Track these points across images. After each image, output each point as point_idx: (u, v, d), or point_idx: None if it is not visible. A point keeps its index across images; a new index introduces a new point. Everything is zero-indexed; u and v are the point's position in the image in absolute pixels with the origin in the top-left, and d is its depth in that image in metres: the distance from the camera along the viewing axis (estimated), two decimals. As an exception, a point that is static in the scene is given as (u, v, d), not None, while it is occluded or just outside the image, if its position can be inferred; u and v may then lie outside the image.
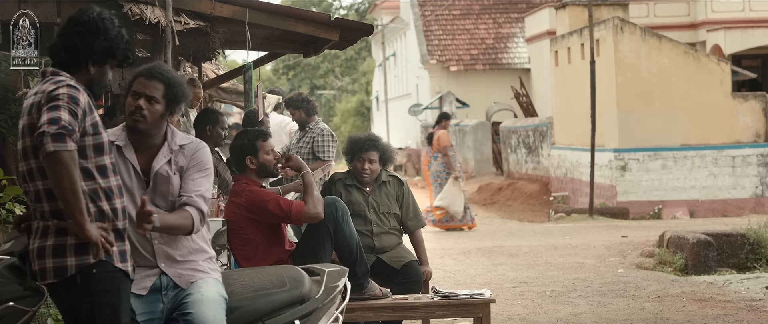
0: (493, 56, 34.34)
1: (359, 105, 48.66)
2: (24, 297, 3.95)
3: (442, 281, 9.79)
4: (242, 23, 6.11)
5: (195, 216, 4.02)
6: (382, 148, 6.51)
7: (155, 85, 4.05)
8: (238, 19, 5.89)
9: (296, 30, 6.24)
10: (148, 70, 4.10)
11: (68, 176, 3.40)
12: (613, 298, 8.59)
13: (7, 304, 3.87)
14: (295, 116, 8.75)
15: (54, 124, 3.40)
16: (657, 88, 19.06)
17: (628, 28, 19.10)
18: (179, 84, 4.14)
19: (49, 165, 3.41)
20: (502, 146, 27.12)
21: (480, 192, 24.61)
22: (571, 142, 21.50)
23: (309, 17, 6.36)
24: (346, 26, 6.67)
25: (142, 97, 4.03)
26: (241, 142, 5.56)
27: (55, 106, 3.46)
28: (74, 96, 3.53)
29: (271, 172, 5.62)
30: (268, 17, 6.03)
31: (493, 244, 13.17)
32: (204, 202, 4.09)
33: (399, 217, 6.51)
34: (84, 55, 3.69)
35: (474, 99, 32.53)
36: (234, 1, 5.88)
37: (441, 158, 14.87)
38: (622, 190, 18.95)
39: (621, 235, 13.72)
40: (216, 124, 6.60)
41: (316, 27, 6.37)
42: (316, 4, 56.71)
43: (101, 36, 3.70)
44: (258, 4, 6.02)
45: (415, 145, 36.83)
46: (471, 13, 35.96)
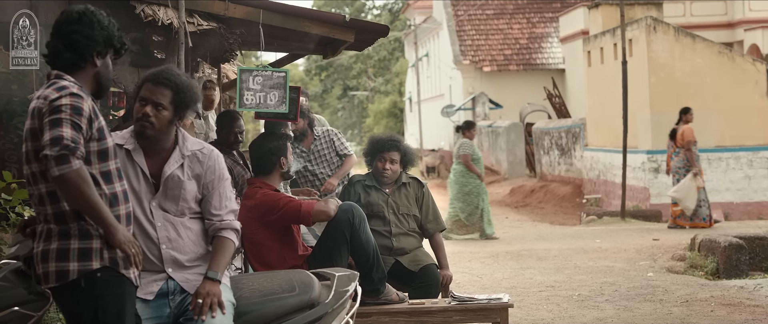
0: (526, 56, 34.10)
1: (392, 106, 48.59)
2: (29, 301, 3.93)
3: (468, 285, 9.70)
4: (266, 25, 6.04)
5: (233, 238, 4.11)
6: (403, 149, 6.46)
7: (162, 92, 4.00)
8: (251, 20, 5.83)
9: (310, 31, 6.17)
10: (155, 76, 4.05)
11: (80, 193, 3.41)
12: (640, 302, 8.46)
13: (12, 308, 3.85)
14: (299, 125, 8.07)
15: (56, 144, 3.39)
16: (690, 89, 18.80)
17: (661, 27, 18.85)
18: (187, 89, 4.08)
19: (59, 188, 3.43)
20: (535, 148, 26.92)
21: (512, 194, 24.44)
22: (604, 143, 21.28)
23: (323, 18, 6.29)
24: (362, 27, 6.59)
25: (149, 103, 3.99)
26: (273, 143, 5.54)
27: (56, 121, 3.43)
28: (77, 106, 3.50)
29: (288, 174, 5.66)
30: (282, 18, 5.97)
31: (522, 248, 13.05)
32: (235, 216, 4.17)
33: (418, 220, 6.44)
34: (88, 48, 3.67)
35: (507, 100, 32.33)
36: (247, 2, 5.83)
37: (683, 153, 14.81)
38: (655, 192, 18.69)
39: (652, 238, 13.53)
40: (234, 126, 6.54)
41: (331, 28, 6.29)
42: (349, 4, 56.78)
43: (96, 26, 3.68)
44: (271, 5, 5.96)
45: (448, 147, 36.66)
46: (504, 12, 35.73)
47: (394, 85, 50.36)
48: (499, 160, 29.42)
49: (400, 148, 6.41)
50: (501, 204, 23.30)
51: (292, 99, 6.09)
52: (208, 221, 4.11)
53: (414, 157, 6.64)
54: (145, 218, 4.01)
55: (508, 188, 25.48)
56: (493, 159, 30.03)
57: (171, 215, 4.04)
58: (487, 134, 30.71)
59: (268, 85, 5.60)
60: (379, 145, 6.39)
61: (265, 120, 6.38)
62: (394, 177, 6.41)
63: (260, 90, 5.60)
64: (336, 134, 8.06)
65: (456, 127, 15.84)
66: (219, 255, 4.06)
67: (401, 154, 6.41)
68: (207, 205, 4.11)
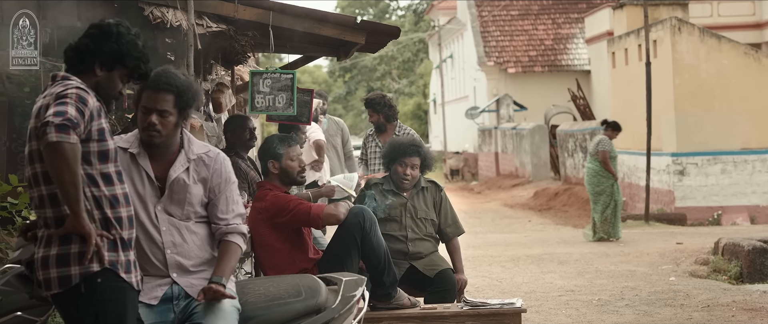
0: (552, 58, 33.88)
1: (416, 108, 48.48)
2: (32, 307, 3.90)
3: (487, 289, 9.62)
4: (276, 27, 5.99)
5: (240, 242, 4.08)
6: (424, 154, 6.43)
7: (164, 98, 3.95)
8: (261, 22, 5.79)
9: (321, 33, 6.12)
10: (154, 83, 3.97)
11: (69, 169, 3.33)
12: (660, 307, 8.35)
13: (15, 313, 3.83)
14: (372, 118, 8.03)
15: (59, 115, 3.35)
16: (716, 90, 18.59)
17: (685, 28, 18.66)
18: (188, 89, 4.03)
19: (49, 156, 3.33)
20: (559, 150, 26.74)
21: (536, 197, 24.27)
22: (628, 145, 21.08)
23: (334, 20, 6.23)
24: (372, 29, 6.53)
25: (153, 112, 3.95)
26: (266, 146, 5.52)
27: (62, 102, 3.42)
28: (83, 97, 3.49)
29: (294, 179, 5.53)
30: (292, 20, 5.92)
31: (544, 252, 12.94)
32: (242, 220, 4.11)
33: (436, 224, 6.37)
34: (91, 54, 3.65)
35: (532, 102, 32.14)
36: (257, 4, 5.78)
37: None
38: (680, 195, 18.50)
39: (676, 242, 13.39)
40: (244, 129, 6.51)
41: (342, 30, 6.24)
42: (373, 5, 56.72)
43: (112, 39, 3.67)
44: (281, 7, 5.91)
45: (473, 149, 36.53)
46: (529, 13, 35.51)
47: (419, 86, 50.26)
48: (523, 163, 29.25)
49: (421, 154, 6.38)
50: (524, 207, 23.16)
51: (306, 101, 6.04)
52: (214, 225, 4.08)
53: (433, 162, 6.61)
54: (149, 223, 3.98)
55: (532, 191, 25.32)
56: (517, 162, 29.87)
57: (176, 219, 4.01)
58: (511, 136, 30.55)
59: (277, 87, 5.56)
60: (401, 150, 6.34)
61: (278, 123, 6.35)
62: (414, 182, 6.37)
63: (269, 93, 5.56)
64: None
65: (602, 122, 15.12)
66: (224, 260, 4.02)
67: (421, 159, 6.37)
68: (213, 209, 4.07)
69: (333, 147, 9.50)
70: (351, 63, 53.19)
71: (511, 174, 30.36)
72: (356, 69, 54.95)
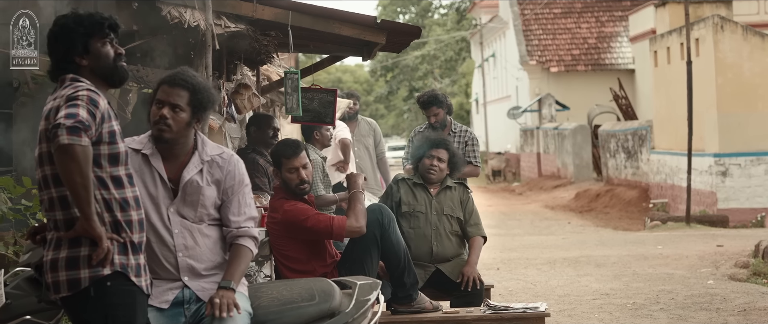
0: (595, 56, 33.51)
1: (458, 108, 48.20)
2: (41, 310, 3.89)
3: (520, 293, 9.50)
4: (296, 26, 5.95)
5: (251, 246, 4.03)
6: (452, 150, 6.45)
7: (179, 93, 3.94)
8: (280, 21, 5.73)
9: (341, 33, 6.06)
10: (171, 77, 4.00)
11: (79, 171, 3.30)
12: (696, 311, 8.18)
13: (24, 317, 3.81)
14: (439, 117, 7.70)
15: (70, 118, 3.33)
16: (760, 89, 18.24)
17: (728, 26, 18.32)
18: (204, 90, 4.02)
19: (60, 158, 3.31)
20: (601, 151, 26.43)
21: (577, 199, 24.02)
22: (671, 146, 20.77)
23: (354, 19, 6.16)
24: (393, 29, 6.45)
25: (166, 105, 3.93)
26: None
27: (73, 105, 3.40)
28: (94, 99, 3.47)
29: (293, 191, 5.17)
30: (311, 19, 5.86)
31: (581, 254, 12.78)
32: (254, 223, 4.07)
33: (461, 223, 6.32)
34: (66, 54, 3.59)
35: (575, 101, 31.81)
36: (276, 4, 5.72)
37: None
38: (723, 196, 18.18)
39: (716, 244, 13.14)
40: (268, 127, 6.45)
41: (362, 30, 6.17)
42: (415, 3, 56.58)
43: (67, 30, 3.60)
44: (300, 6, 5.85)
45: (515, 150, 36.25)
46: (572, 11, 35.15)
47: (461, 86, 50.02)
48: (565, 164, 28.97)
49: (449, 148, 6.41)
50: (565, 209, 22.92)
51: (329, 101, 5.98)
52: (226, 228, 4.05)
53: (461, 163, 6.56)
54: (161, 225, 3.95)
55: (574, 192, 25.07)
56: (559, 162, 29.59)
57: (189, 222, 3.98)
58: (553, 137, 30.28)
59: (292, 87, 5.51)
60: (428, 143, 6.39)
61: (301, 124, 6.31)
62: (441, 176, 6.36)
63: (290, 93, 5.51)
64: (475, 141, 7.75)
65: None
66: (234, 263, 3.98)
67: (449, 155, 6.39)
68: (226, 212, 4.04)
69: (365, 148, 9.37)
70: (393, 62, 53.07)
71: (553, 175, 30.09)
72: (398, 68, 54.84)
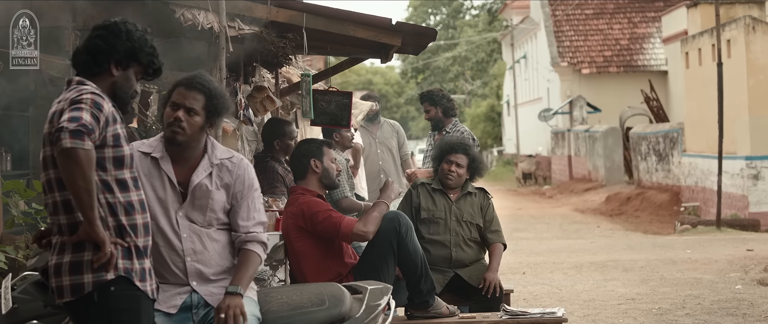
0: (627, 58, 33.16)
1: (489, 110, 47.97)
2: (48, 315, 3.89)
3: (545, 297, 9.41)
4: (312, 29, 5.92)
5: (259, 251, 4.01)
6: (472, 155, 6.34)
7: (195, 96, 3.93)
8: (294, 24, 5.71)
9: (356, 35, 6.02)
10: (188, 80, 3.99)
11: (83, 175, 3.30)
12: (722, 316, 8.08)
13: (31, 322, 3.81)
14: (430, 113, 7.62)
15: (74, 121, 3.32)
16: (793, 92, 17.97)
17: (760, 27, 18.06)
18: (220, 95, 4.02)
19: (63, 162, 3.31)
20: (632, 153, 26.18)
21: (607, 202, 23.80)
22: (702, 149, 20.51)
23: (369, 21, 6.11)
24: (409, 31, 6.39)
25: (181, 108, 3.92)
26: (306, 146, 5.49)
27: (77, 108, 3.39)
28: (98, 102, 3.46)
29: (333, 180, 5.50)
30: (325, 22, 5.84)
31: (608, 258, 12.66)
32: (263, 228, 4.04)
33: (481, 229, 6.23)
34: (105, 53, 3.61)
35: (607, 103, 31.49)
36: (290, 6, 5.70)
37: None
38: (755, 200, 17.92)
39: (747, 248, 12.95)
40: (284, 135, 6.42)
41: (377, 32, 6.13)
42: (446, 4, 56.44)
43: (123, 36, 3.63)
44: (314, 8, 5.82)
45: (546, 152, 36.00)
46: (604, 12, 34.79)
47: (492, 88, 49.75)
48: (596, 166, 28.73)
49: (469, 153, 6.30)
50: (595, 212, 22.72)
51: (345, 104, 5.95)
52: (234, 233, 4.02)
53: (482, 168, 6.45)
54: (170, 229, 3.93)
55: (604, 195, 24.84)
56: (590, 165, 29.35)
57: (197, 226, 3.97)
58: (584, 139, 30.04)
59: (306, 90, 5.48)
60: (447, 147, 6.30)
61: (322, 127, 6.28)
62: (460, 181, 6.27)
63: (305, 96, 5.49)
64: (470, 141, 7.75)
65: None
66: (242, 269, 3.96)
67: (469, 160, 6.28)
68: (235, 216, 4.01)
69: (388, 150, 9.30)
70: (423, 64, 52.97)
71: (584, 178, 29.85)
72: (429, 70, 54.74)
